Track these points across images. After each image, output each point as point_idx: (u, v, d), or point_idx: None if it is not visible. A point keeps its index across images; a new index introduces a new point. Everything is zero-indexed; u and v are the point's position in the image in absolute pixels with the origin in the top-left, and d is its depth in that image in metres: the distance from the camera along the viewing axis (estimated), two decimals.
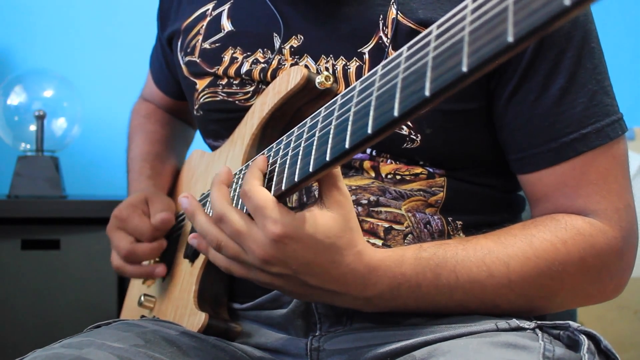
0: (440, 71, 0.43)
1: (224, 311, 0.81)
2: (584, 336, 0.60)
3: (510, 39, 0.37)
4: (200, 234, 0.67)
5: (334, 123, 0.55)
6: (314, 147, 0.57)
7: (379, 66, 0.51)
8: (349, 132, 0.52)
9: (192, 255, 0.84)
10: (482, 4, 0.40)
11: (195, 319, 0.77)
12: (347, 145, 0.51)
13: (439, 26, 0.45)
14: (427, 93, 0.44)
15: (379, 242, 0.74)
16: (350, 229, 0.61)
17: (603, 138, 0.69)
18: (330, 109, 0.57)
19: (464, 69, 0.40)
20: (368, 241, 0.75)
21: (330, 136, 0.55)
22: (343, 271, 0.61)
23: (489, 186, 0.78)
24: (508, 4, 0.38)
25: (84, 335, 0.69)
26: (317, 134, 0.58)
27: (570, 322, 0.62)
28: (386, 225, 0.74)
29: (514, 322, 0.63)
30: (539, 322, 0.64)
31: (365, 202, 0.74)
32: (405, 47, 0.48)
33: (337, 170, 0.59)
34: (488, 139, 0.76)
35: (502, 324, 0.64)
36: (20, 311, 1.48)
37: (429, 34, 0.45)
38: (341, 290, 0.63)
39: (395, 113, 0.46)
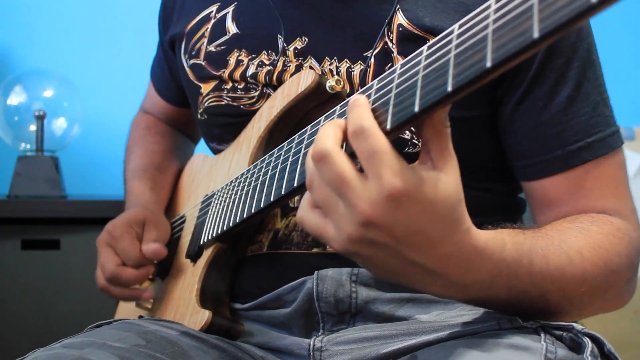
0: (463, 67, 0.43)
1: (226, 310, 0.81)
2: (587, 339, 0.60)
3: (536, 34, 0.38)
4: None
5: None
6: None
7: (398, 65, 0.52)
8: None
9: (194, 255, 0.84)
10: (505, 4, 0.41)
11: (198, 317, 0.77)
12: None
13: (460, 25, 0.45)
14: (449, 88, 0.44)
15: None
16: (462, 201, 0.52)
17: (606, 147, 0.72)
18: (344, 108, 0.57)
19: (488, 64, 0.41)
20: None
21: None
22: (449, 250, 0.52)
23: (489, 190, 0.78)
24: (533, 2, 0.39)
25: (84, 335, 0.69)
26: None
27: (574, 324, 0.62)
28: None
29: (517, 322, 0.63)
30: (542, 322, 0.63)
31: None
32: (425, 47, 0.49)
33: (448, 130, 0.50)
34: (489, 146, 0.77)
35: (505, 323, 0.63)
36: (20, 311, 1.48)
37: (451, 33, 0.46)
38: (441, 272, 0.53)
39: (416, 108, 0.46)
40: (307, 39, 0.79)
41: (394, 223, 0.49)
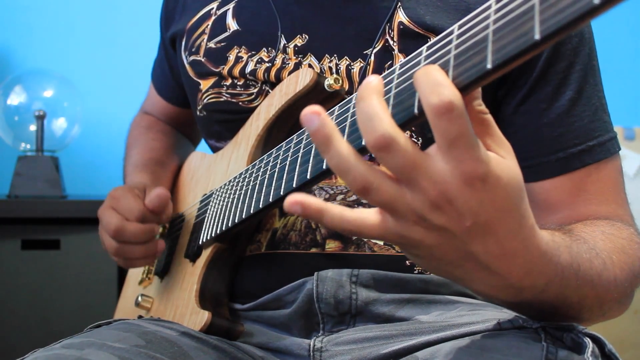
0: (463, 68, 0.43)
1: (225, 311, 0.81)
2: (588, 339, 0.60)
3: (537, 36, 0.38)
4: (336, 170, 0.47)
5: (349, 120, 0.54)
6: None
7: (397, 65, 0.51)
8: None
9: (193, 254, 0.84)
10: (505, 4, 0.41)
11: (198, 318, 0.77)
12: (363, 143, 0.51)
13: (460, 26, 0.45)
14: None
15: (381, 242, 0.75)
16: (525, 192, 0.48)
17: (606, 152, 0.72)
18: (345, 107, 0.57)
19: (489, 65, 0.41)
20: (369, 240, 0.75)
21: (345, 135, 0.54)
22: (515, 247, 0.48)
23: None
24: (534, 3, 0.39)
25: (84, 335, 0.69)
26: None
27: (575, 324, 0.62)
28: None
29: (517, 322, 0.63)
30: (542, 322, 0.63)
31: (366, 202, 0.74)
32: (424, 47, 0.48)
33: (488, 117, 0.46)
34: None
35: (505, 323, 0.63)
36: (20, 311, 1.48)
37: (450, 33, 0.46)
38: (501, 272, 0.49)
39: (415, 110, 0.46)
40: (307, 36, 0.79)
41: (465, 209, 0.44)
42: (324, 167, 0.55)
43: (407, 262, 0.75)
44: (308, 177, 0.58)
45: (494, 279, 0.50)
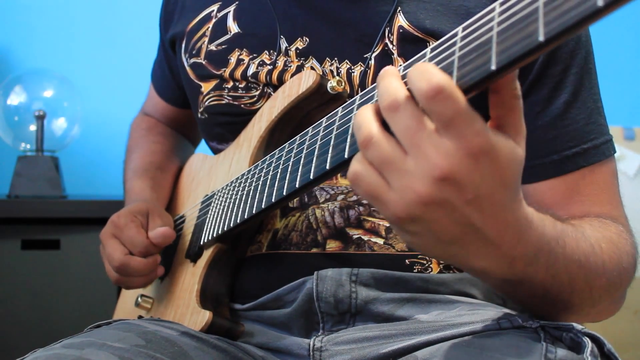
0: (468, 70, 0.43)
1: (226, 311, 0.81)
2: (587, 338, 0.60)
3: (541, 38, 0.39)
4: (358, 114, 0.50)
5: (352, 121, 0.54)
6: (332, 145, 0.57)
7: (400, 67, 0.52)
8: None
9: (194, 255, 0.84)
10: (510, 6, 0.41)
11: (199, 318, 0.77)
12: None
13: (464, 28, 0.45)
14: None
15: (381, 241, 0.75)
16: (522, 172, 0.50)
17: (600, 155, 0.73)
18: (349, 108, 0.57)
19: (493, 67, 0.41)
20: (369, 240, 0.75)
21: (349, 135, 0.54)
22: (506, 217, 0.50)
23: None
24: (538, 5, 0.39)
25: (84, 335, 0.69)
26: (334, 131, 0.57)
27: (574, 324, 0.62)
28: (387, 224, 0.75)
29: (517, 321, 0.63)
30: (542, 322, 0.63)
31: (366, 202, 0.74)
32: (428, 49, 0.49)
33: (519, 102, 0.49)
34: None
35: (505, 322, 0.63)
36: (20, 311, 1.48)
37: (454, 35, 0.46)
38: (497, 241, 0.51)
39: None
40: (308, 40, 0.79)
41: (468, 182, 0.46)
42: (327, 167, 0.55)
43: (406, 261, 0.75)
44: (311, 177, 0.58)
45: (490, 250, 0.52)
